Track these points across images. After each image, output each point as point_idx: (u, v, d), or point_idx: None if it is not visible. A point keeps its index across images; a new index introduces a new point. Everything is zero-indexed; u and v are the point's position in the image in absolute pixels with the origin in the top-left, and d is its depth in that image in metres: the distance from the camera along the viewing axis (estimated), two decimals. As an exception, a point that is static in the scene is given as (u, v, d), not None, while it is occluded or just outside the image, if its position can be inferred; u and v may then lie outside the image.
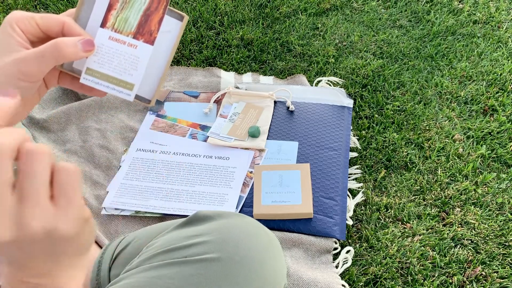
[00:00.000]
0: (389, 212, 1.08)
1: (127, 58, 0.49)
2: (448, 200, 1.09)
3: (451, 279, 0.97)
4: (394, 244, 1.02)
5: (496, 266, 0.99)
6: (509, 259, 1.00)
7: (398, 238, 1.03)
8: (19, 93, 0.43)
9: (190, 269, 0.58)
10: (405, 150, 1.19)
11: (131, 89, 0.49)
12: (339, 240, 1.03)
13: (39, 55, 0.44)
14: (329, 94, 1.30)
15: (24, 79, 0.44)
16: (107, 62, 0.49)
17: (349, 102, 1.28)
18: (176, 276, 0.58)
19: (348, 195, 1.11)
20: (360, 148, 1.20)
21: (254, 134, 1.19)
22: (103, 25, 0.49)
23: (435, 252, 1.01)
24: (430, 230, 1.05)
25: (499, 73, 1.35)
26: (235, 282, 0.57)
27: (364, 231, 1.04)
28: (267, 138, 1.20)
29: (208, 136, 1.20)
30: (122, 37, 0.49)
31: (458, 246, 1.02)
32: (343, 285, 0.95)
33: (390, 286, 0.96)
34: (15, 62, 0.44)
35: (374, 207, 1.08)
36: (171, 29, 0.50)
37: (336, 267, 0.99)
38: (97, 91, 0.51)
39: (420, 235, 1.04)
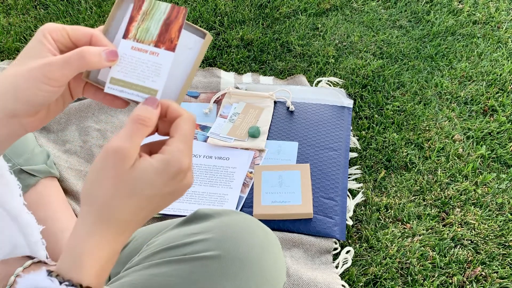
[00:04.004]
0: (389, 212, 1.08)
1: (150, 66, 0.50)
2: (448, 200, 1.09)
3: (451, 279, 0.97)
4: (394, 244, 1.02)
5: (496, 266, 0.99)
6: (509, 259, 1.00)
7: (398, 238, 1.03)
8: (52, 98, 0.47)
9: (189, 266, 0.58)
10: (405, 150, 1.19)
11: (155, 95, 0.50)
12: (339, 241, 1.03)
13: (64, 61, 0.46)
14: (329, 94, 1.30)
15: (47, 83, 0.46)
16: (131, 71, 0.50)
17: (349, 103, 1.28)
18: (175, 273, 0.58)
19: (348, 196, 1.11)
20: (360, 148, 1.20)
21: (254, 134, 1.19)
22: (125, 36, 0.50)
23: (435, 252, 1.01)
24: (430, 230, 1.05)
25: (499, 74, 1.35)
26: (234, 279, 0.58)
27: (364, 232, 1.04)
28: (267, 138, 1.20)
29: (208, 137, 1.20)
30: (144, 46, 0.50)
31: (458, 246, 1.02)
32: (343, 285, 0.95)
33: (390, 286, 0.96)
34: (41, 66, 0.45)
35: (374, 207, 1.08)
36: (193, 47, 0.51)
37: (336, 267, 0.99)
38: (118, 103, 0.52)
39: (420, 235, 1.04)
